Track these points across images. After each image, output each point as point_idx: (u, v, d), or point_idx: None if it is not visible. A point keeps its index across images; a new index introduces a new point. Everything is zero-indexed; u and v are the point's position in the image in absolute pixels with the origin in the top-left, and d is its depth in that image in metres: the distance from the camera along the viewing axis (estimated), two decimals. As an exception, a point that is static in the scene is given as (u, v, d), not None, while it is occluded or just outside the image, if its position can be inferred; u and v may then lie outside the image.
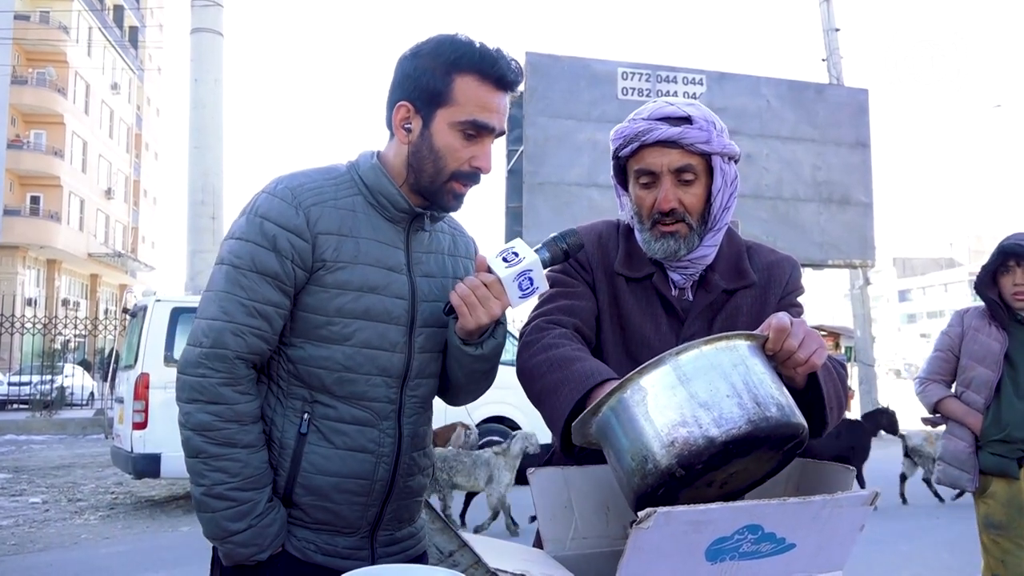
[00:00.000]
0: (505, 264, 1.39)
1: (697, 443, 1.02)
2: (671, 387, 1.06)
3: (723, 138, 1.47)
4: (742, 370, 1.08)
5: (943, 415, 3.21)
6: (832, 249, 14.51)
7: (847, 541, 1.09)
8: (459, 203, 1.50)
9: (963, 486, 3.11)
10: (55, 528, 6.93)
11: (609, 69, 13.66)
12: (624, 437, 1.08)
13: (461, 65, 1.42)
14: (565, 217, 12.63)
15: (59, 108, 34.33)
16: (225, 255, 1.43)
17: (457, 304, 1.41)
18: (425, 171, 1.46)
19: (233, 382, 1.39)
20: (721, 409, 1.04)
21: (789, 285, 1.60)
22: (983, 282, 3.11)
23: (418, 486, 1.57)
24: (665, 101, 1.49)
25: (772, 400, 1.07)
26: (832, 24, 16.25)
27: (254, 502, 1.39)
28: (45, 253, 33.75)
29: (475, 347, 1.47)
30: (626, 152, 1.50)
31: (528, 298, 1.43)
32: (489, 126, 1.44)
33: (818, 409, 1.29)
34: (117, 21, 41.75)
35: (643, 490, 1.06)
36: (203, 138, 11.45)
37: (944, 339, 3.24)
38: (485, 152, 1.46)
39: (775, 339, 1.16)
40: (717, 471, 1.08)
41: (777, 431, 1.06)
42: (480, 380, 1.58)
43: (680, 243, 1.48)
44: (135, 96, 44.47)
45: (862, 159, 15.04)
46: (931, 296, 75.80)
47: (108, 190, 40.40)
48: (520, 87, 13.53)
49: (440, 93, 1.42)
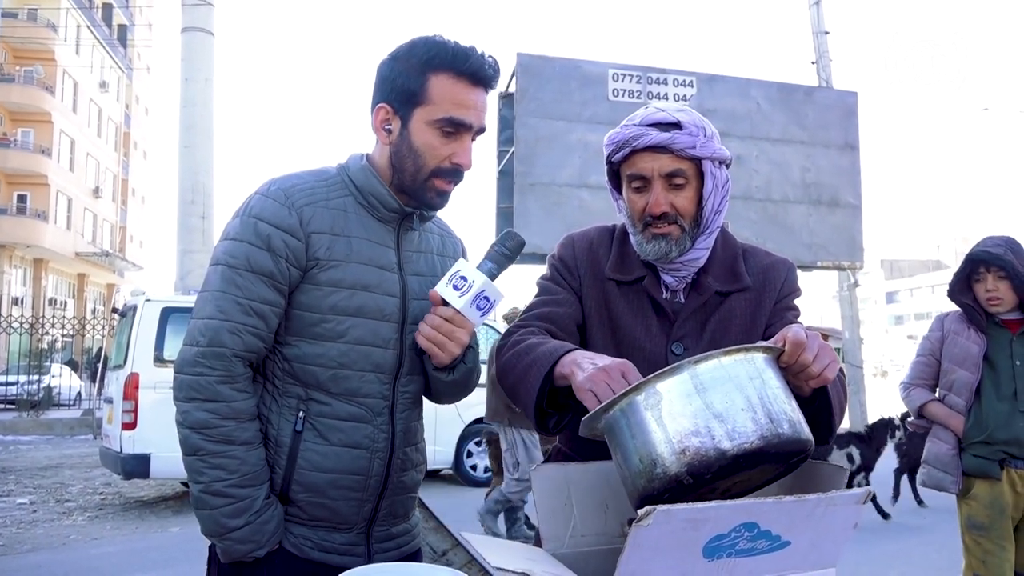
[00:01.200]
0: (458, 293, 1.43)
1: (708, 454, 1.04)
2: (687, 395, 1.07)
3: (713, 143, 1.49)
4: (758, 384, 1.09)
5: (927, 418, 3.25)
6: (821, 251, 14.58)
7: (840, 538, 1.11)
8: (443, 201, 1.53)
9: (946, 488, 3.13)
10: (43, 529, 6.90)
11: (600, 70, 13.68)
12: (634, 439, 1.09)
13: (434, 64, 1.45)
14: (556, 218, 12.66)
15: (47, 106, 34.10)
16: (220, 255, 1.46)
17: (426, 346, 1.46)
18: (406, 170, 1.49)
19: (230, 380, 1.41)
20: (735, 422, 1.05)
21: (784, 288, 1.61)
22: (956, 289, 3.16)
23: (412, 482, 1.60)
24: (657, 107, 1.51)
25: (785, 416, 1.08)
26: (822, 27, 16.34)
27: (252, 499, 1.40)
28: (32, 252, 33.51)
29: (447, 373, 1.52)
30: (618, 157, 1.53)
31: (489, 314, 1.48)
32: (466, 123, 1.47)
33: (824, 417, 1.32)
34: (106, 19, 41.51)
35: (648, 492, 1.07)
36: (193, 137, 11.41)
37: (926, 344, 3.29)
38: (465, 148, 1.49)
39: (791, 352, 1.17)
40: (723, 480, 1.10)
41: (786, 447, 1.08)
42: (459, 392, 1.63)
43: (672, 245, 1.50)
44: (124, 95, 44.22)
45: (851, 161, 15.12)
46: (918, 298, 76.25)
47: (96, 189, 40.15)
48: (501, 84, 13.53)
49: (415, 93, 1.45)
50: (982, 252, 3.05)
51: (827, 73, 16.01)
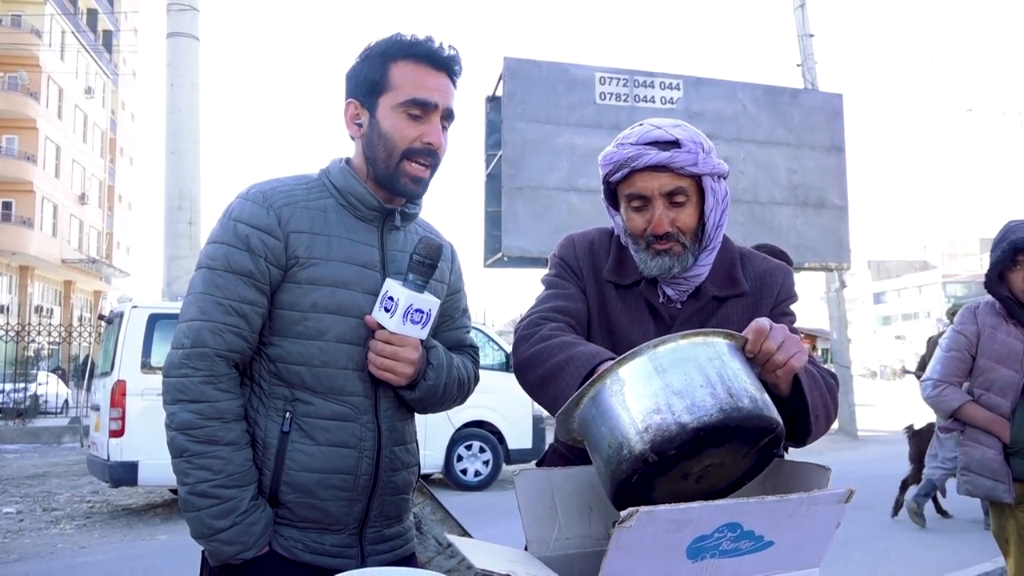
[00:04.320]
0: (388, 314, 1.47)
1: (670, 429, 1.05)
2: (647, 377, 1.10)
3: (712, 158, 1.49)
4: (717, 364, 1.11)
5: (963, 422, 2.96)
6: (808, 252, 14.67)
7: (824, 538, 1.11)
8: (419, 187, 1.54)
9: (999, 497, 2.84)
10: (30, 538, 6.84)
11: (587, 74, 13.73)
12: (603, 426, 1.11)
13: (392, 53, 1.51)
14: (544, 221, 12.69)
15: (31, 112, 33.87)
16: (202, 259, 1.50)
17: (377, 373, 1.49)
18: (379, 158, 1.52)
19: (214, 380, 1.42)
20: (694, 397, 1.07)
21: (781, 294, 1.62)
22: (992, 279, 2.91)
23: (403, 482, 1.60)
24: (651, 124, 1.50)
25: (746, 393, 1.10)
26: (807, 30, 16.44)
27: (238, 499, 1.41)
28: (17, 259, 33.26)
29: (411, 391, 1.55)
30: (617, 177, 1.51)
31: (430, 322, 1.51)
32: (430, 102, 1.50)
33: (803, 416, 1.31)
34: (91, 25, 41.29)
35: (619, 477, 1.08)
36: (179, 143, 11.37)
37: (959, 338, 2.98)
38: (434, 128, 1.52)
39: (754, 340, 1.18)
40: (691, 461, 1.10)
41: (749, 422, 1.08)
42: (432, 406, 1.64)
43: (675, 260, 1.51)
44: (109, 100, 43.99)
45: (837, 163, 15.24)
46: (905, 298, 76.73)
47: (82, 195, 39.92)
48: (488, 87, 13.52)
49: (378, 83, 1.51)
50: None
51: (812, 75, 16.11)
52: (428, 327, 1.51)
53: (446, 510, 2.86)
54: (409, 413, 1.63)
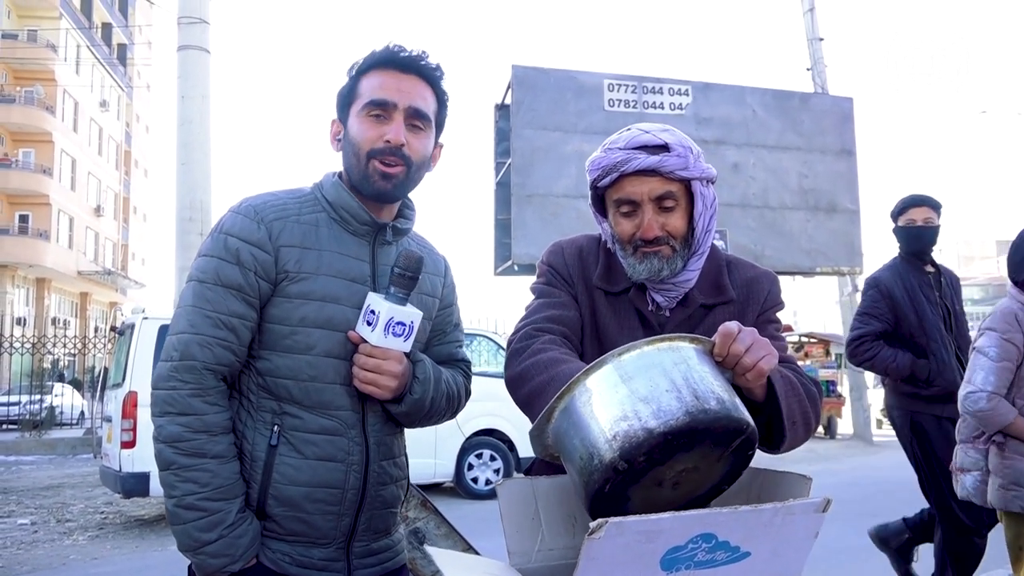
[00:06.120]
0: (370, 328, 1.47)
1: (637, 435, 1.05)
2: (614, 385, 1.10)
3: (700, 162, 1.49)
4: (683, 368, 1.11)
5: (1012, 435, 2.83)
6: (820, 256, 14.56)
7: (802, 548, 1.10)
8: (389, 183, 1.54)
9: None
10: (44, 549, 6.88)
11: (595, 81, 13.72)
12: (575, 437, 1.11)
13: (362, 68, 1.56)
14: (553, 228, 12.66)
15: (47, 126, 34.29)
16: (193, 272, 1.51)
17: (363, 388, 1.49)
18: (351, 164, 1.55)
19: (202, 393, 1.43)
20: (660, 402, 1.06)
21: (767, 301, 1.61)
22: None
23: (391, 496, 1.60)
24: (640, 128, 1.50)
25: (712, 395, 1.09)
26: (816, 34, 16.38)
27: (225, 511, 1.41)
28: (34, 272, 33.61)
29: (397, 405, 1.54)
30: (606, 182, 1.51)
31: (413, 335, 1.51)
32: (388, 101, 1.52)
33: (778, 422, 1.30)
34: (105, 39, 41.74)
35: (592, 487, 1.08)
36: (190, 154, 11.45)
37: (1010, 348, 2.83)
38: (395, 126, 1.53)
39: (721, 343, 1.18)
40: (664, 467, 1.10)
41: (717, 424, 1.08)
42: (420, 420, 1.63)
43: (663, 263, 1.50)
44: (124, 113, 44.44)
45: (848, 167, 15.13)
46: (921, 301, 75.76)
47: (98, 207, 40.30)
48: (497, 95, 13.53)
49: (347, 96, 1.57)
50: None
51: (822, 79, 16.04)
52: (411, 339, 1.51)
53: (450, 524, 2.85)
54: (397, 427, 1.63)
